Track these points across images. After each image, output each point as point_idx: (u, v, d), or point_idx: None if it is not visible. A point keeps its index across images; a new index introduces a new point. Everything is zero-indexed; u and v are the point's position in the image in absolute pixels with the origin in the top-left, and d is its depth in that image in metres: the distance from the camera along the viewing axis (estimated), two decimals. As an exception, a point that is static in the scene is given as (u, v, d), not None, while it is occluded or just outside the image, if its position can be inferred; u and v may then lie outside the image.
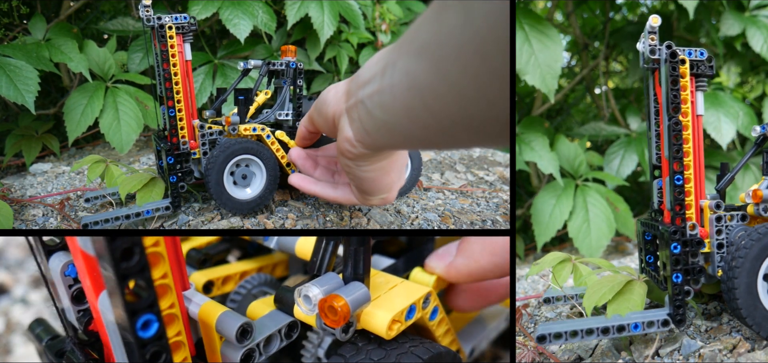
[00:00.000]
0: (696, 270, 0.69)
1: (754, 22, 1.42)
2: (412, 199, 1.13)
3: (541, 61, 1.24)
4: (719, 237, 0.69)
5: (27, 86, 1.07)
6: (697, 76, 0.70)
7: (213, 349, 0.54)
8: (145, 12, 0.90)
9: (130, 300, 0.41)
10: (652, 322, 0.67)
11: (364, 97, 0.51)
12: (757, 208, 0.70)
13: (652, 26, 0.69)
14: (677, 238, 0.68)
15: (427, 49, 0.40)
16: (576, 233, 1.31)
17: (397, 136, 0.50)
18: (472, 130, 0.41)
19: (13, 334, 1.00)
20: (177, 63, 0.92)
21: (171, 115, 0.93)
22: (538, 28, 1.26)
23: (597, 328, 0.67)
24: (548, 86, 1.24)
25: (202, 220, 0.96)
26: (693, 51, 0.70)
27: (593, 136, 1.63)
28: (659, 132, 0.72)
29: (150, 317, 0.42)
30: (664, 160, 0.70)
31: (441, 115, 0.42)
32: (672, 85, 0.68)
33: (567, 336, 0.65)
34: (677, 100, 0.68)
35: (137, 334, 0.42)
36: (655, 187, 0.74)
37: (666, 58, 0.68)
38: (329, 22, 1.43)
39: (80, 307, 0.56)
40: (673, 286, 0.68)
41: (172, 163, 0.94)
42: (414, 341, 0.55)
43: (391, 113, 0.47)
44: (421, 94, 0.42)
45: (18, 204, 1.05)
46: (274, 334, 0.55)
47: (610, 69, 1.98)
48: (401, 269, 0.67)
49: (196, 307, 0.53)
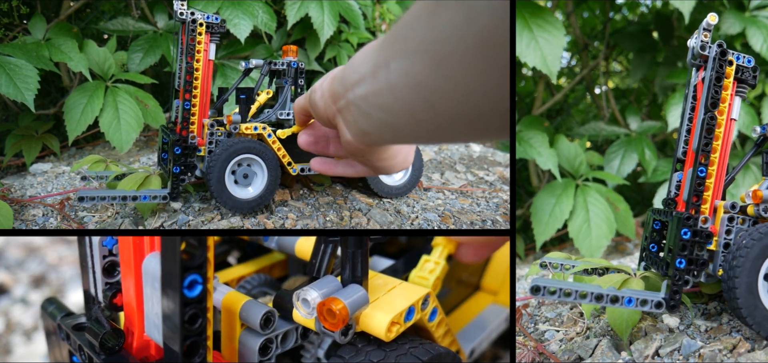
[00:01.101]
0: (699, 262, 0.70)
1: (755, 22, 1.42)
2: (412, 199, 1.13)
3: (542, 44, 1.23)
4: (728, 237, 0.70)
5: (27, 85, 1.07)
6: (740, 81, 0.71)
7: (231, 337, 0.55)
8: (181, 6, 0.93)
9: (183, 257, 0.43)
10: (645, 301, 0.67)
11: (355, 99, 0.51)
12: (757, 209, 0.70)
13: (709, 23, 0.70)
14: (690, 225, 0.68)
15: (426, 47, 0.40)
16: (576, 233, 1.30)
17: (399, 133, 0.50)
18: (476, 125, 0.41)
19: (13, 334, 1.00)
20: (201, 59, 0.95)
21: (186, 108, 0.94)
22: (538, 14, 1.26)
23: (591, 293, 0.67)
24: (550, 67, 1.23)
25: (202, 220, 0.96)
26: (741, 56, 0.71)
27: (593, 136, 1.63)
28: (691, 127, 0.74)
29: (196, 277, 0.44)
30: (690, 153, 0.72)
31: (445, 112, 0.42)
32: (715, 82, 0.69)
33: (560, 293, 0.65)
34: (717, 97, 0.69)
35: (183, 291, 0.43)
36: (674, 180, 0.75)
37: (716, 55, 0.69)
38: (329, 22, 1.43)
39: (109, 280, 0.57)
40: (675, 271, 0.68)
41: (179, 154, 0.94)
42: (413, 342, 0.55)
43: (391, 114, 0.47)
44: (424, 93, 0.42)
45: (18, 204, 1.05)
46: (291, 331, 0.56)
47: (610, 69, 1.98)
48: (400, 270, 0.67)
49: (220, 295, 0.55)
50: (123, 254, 0.53)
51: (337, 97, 0.54)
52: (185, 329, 0.44)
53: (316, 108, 0.62)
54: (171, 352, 0.46)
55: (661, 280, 0.76)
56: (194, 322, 0.45)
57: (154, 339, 0.51)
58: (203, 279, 0.44)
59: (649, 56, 1.76)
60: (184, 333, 0.44)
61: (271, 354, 0.55)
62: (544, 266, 0.84)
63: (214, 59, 0.97)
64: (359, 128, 0.53)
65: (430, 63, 0.40)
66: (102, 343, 0.52)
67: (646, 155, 1.52)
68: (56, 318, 0.61)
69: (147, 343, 0.54)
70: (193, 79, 0.94)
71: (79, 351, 0.56)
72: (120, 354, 0.53)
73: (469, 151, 1.61)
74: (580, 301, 0.66)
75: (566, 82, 1.94)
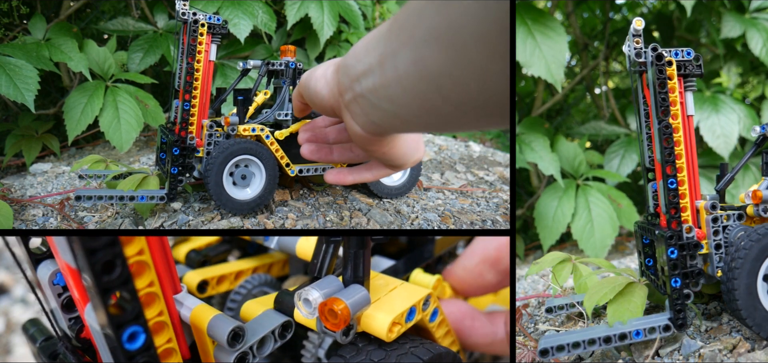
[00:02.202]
0: (695, 272, 0.69)
1: (754, 24, 1.42)
2: (412, 199, 1.13)
3: (546, 52, 1.24)
4: (717, 237, 0.69)
5: (27, 85, 1.07)
6: (686, 76, 0.70)
7: (207, 352, 0.53)
8: (183, 6, 0.93)
9: (114, 313, 0.40)
10: (653, 328, 0.67)
11: (363, 91, 0.50)
12: (756, 209, 0.70)
13: (636, 29, 0.68)
14: (674, 243, 0.67)
15: (437, 35, 0.40)
16: (580, 234, 1.30)
17: (408, 123, 0.49)
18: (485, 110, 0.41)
19: (13, 334, 1.00)
20: (201, 60, 0.94)
21: (185, 109, 0.94)
22: (540, 21, 1.26)
23: (599, 338, 0.67)
24: (554, 76, 1.23)
25: (202, 220, 0.96)
26: (679, 51, 0.69)
27: (593, 135, 1.63)
28: (650, 135, 0.72)
29: (136, 329, 0.42)
30: (657, 164, 0.70)
31: (456, 99, 0.42)
32: (660, 87, 0.67)
33: (569, 348, 0.65)
34: (666, 103, 0.67)
35: (124, 346, 0.41)
36: (650, 190, 0.74)
37: (652, 61, 0.67)
38: (329, 22, 1.43)
39: (71, 315, 0.55)
40: (673, 291, 0.68)
41: (177, 154, 0.94)
42: (414, 342, 0.55)
43: (401, 105, 0.47)
44: (437, 82, 0.42)
45: (18, 204, 1.05)
46: (268, 336, 0.54)
47: (610, 69, 1.98)
48: (401, 271, 0.67)
49: (187, 310, 0.52)
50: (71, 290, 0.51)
51: (344, 89, 0.53)
52: None
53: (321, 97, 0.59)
54: None
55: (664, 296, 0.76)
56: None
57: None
58: (144, 327, 0.42)
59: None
60: None
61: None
62: (550, 311, 0.84)
63: (214, 60, 0.97)
64: (368, 120, 0.52)
65: (440, 50, 0.40)
66: None
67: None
68: (37, 342, 0.59)
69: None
70: (194, 80, 0.94)
71: None
72: None
73: (469, 151, 1.61)
74: (590, 349, 0.67)
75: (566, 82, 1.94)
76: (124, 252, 0.40)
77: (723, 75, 1.65)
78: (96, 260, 0.38)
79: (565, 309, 0.83)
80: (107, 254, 0.38)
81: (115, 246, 0.40)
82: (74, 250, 0.39)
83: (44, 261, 0.56)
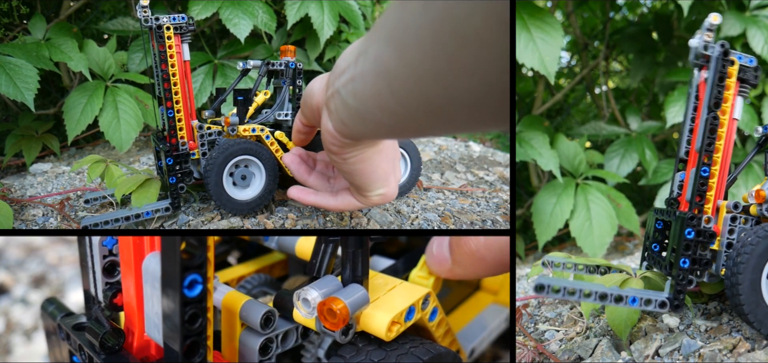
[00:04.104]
0: (703, 261, 0.70)
1: (755, 22, 1.42)
2: (412, 199, 1.13)
3: (540, 45, 1.23)
4: (730, 237, 0.70)
5: (27, 84, 1.07)
6: (742, 81, 0.72)
7: (231, 337, 0.55)
8: (143, 12, 0.89)
9: (183, 257, 0.42)
10: (649, 300, 0.67)
11: (339, 86, 0.51)
12: (760, 209, 0.70)
13: (711, 23, 0.70)
14: (693, 225, 0.68)
15: (393, 34, 0.41)
16: (578, 232, 1.30)
17: (369, 123, 0.50)
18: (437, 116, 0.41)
19: (13, 334, 1.00)
20: (175, 63, 0.91)
21: (170, 116, 0.93)
22: (536, 16, 1.26)
23: (594, 292, 0.66)
24: (547, 68, 1.22)
25: (202, 220, 0.96)
26: (743, 56, 0.71)
27: (593, 135, 1.63)
28: (693, 127, 0.74)
29: (196, 277, 0.44)
30: (693, 153, 0.72)
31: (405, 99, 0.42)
32: (718, 82, 0.69)
33: (564, 292, 0.65)
34: (720, 97, 0.69)
35: (183, 291, 0.43)
36: (677, 179, 0.75)
37: (718, 56, 0.69)
38: (329, 23, 1.43)
39: (109, 280, 0.57)
40: (679, 271, 0.68)
41: (171, 164, 0.93)
42: (414, 342, 0.55)
43: (361, 101, 0.48)
44: (388, 79, 0.42)
45: (18, 204, 1.05)
46: (292, 330, 0.56)
47: (610, 69, 1.98)
48: (401, 270, 0.67)
49: (220, 295, 0.55)
50: (123, 254, 0.53)
51: (328, 85, 0.55)
52: (185, 329, 0.44)
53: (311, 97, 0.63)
54: (171, 351, 0.46)
55: (661, 281, 0.76)
56: (194, 322, 0.45)
57: (155, 339, 0.51)
58: (203, 279, 0.44)
59: (649, 57, 1.76)
60: (184, 332, 0.44)
61: (271, 353, 0.55)
62: (546, 265, 0.84)
63: (189, 59, 0.94)
64: (338, 117, 0.53)
65: (394, 49, 0.40)
66: (102, 343, 0.52)
67: (647, 155, 1.52)
68: (56, 318, 0.61)
69: (147, 343, 0.54)
70: (172, 85, 0.92)
71: (79, 351, 0.56)
72: (120, 354, 0.53)
73: (469, 151, 1.61)
74: (584, 300, 0.66)
75: (566, 82, 1.94)
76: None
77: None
78: None
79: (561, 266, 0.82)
80: None
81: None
82: None
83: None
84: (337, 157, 0.61)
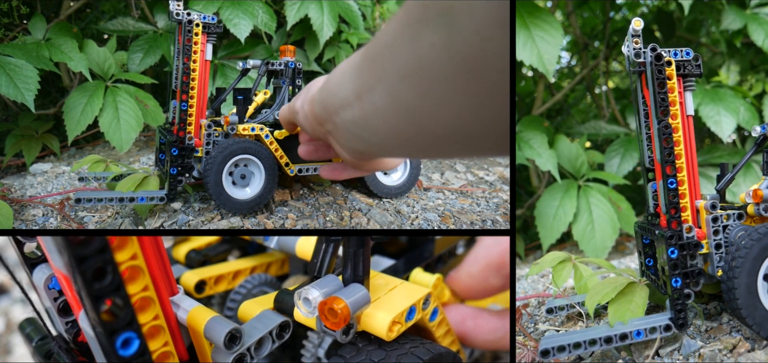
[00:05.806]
0: (695, 272, 0.69)
1: (756, 19, 1.42)
2: (412, 199, 1.13)
3: (539, 43, 1.23)
4: (717, 237, 0.69)
5: (27, 85, 1.07)
6: (685, 76, 0.70)
7: (204, 353, 0.52)
8: (177, 6, 0.93)
9: (106, 319, 0.39)
10: (654, 328, 0.67)
11: (343, 124, 0.51)
12: (757, 208, 0.70)
13: (634, 29, 0.68)
14: (674, 243, 0.67)
15: (408, 71, 0.39)
16: (581, 235, 1.30)
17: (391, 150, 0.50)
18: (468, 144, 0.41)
19: (13, 334, 1.00)
20: (198, 60, 0.94)
21: (182, 109, 0.94)
22: (535, 14, 1.26)
23: (600, 338, 0.66)
24: (546, 66, 1.22)
25: (202, 220, 0.96)
26: (678, 51, 0.69)
27: (593, 135, 1.63)
28: (650, 135, 0.72)
29: (129, 335, 0.41)
30: (657, 164, 0.70)
31: (433, 132, 0.41)
32: (659, 87, 0.67)
33: (570, 349, 0.65)
34: (665, 103, 0.67)
35: (117, 353, 0.40)
36: (650, 190, 0.74)
37: (651, 61, 0.67)
38: (329, 23, 1.43)
39: (68, 319, 0.54)
40: (673, 291, 0.68)
41: (175, 155, 0.94)
42: (414, 342, 0.55)
43: (381, 135, 0.47)
44: (411, 115, 0.41)
45: (18, 204, 1.05)
46: (266, 337, 0.53)
47: (610, 69, 1.98)
48: (401, 270, 0.67)
49: (184, 313, 0.51)
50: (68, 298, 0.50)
51: (323, 121, 0.55)
52: None
53: (304, 129, 0.63)
54: None
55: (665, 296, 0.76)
56: None
57: None
58: (137, 333, 0.41)
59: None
60: None
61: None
62: (550, 311, 0.83)
63: (211, 59, 0.97)
64: (351, 147, 0.54)
65: (413, 86, 0.39)
66: None
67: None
68: (33, 341, 0.59)
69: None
70: (190, 80, 0.94)
71: None
72: None
73: (469, 151, 1.61)
74: (591, 350, 0.67)
75: (566, 82, 1.94)
76: (115, 258, 0.39)
77: (721, 74, 1.65)
78: (86, 267, 0.37)
79: (565, 309, 0.83)
80: (98, 261, 0.38)
81: (106, 252, 0.38)
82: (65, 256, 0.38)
83: (40, 265, 0.55)
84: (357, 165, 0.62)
